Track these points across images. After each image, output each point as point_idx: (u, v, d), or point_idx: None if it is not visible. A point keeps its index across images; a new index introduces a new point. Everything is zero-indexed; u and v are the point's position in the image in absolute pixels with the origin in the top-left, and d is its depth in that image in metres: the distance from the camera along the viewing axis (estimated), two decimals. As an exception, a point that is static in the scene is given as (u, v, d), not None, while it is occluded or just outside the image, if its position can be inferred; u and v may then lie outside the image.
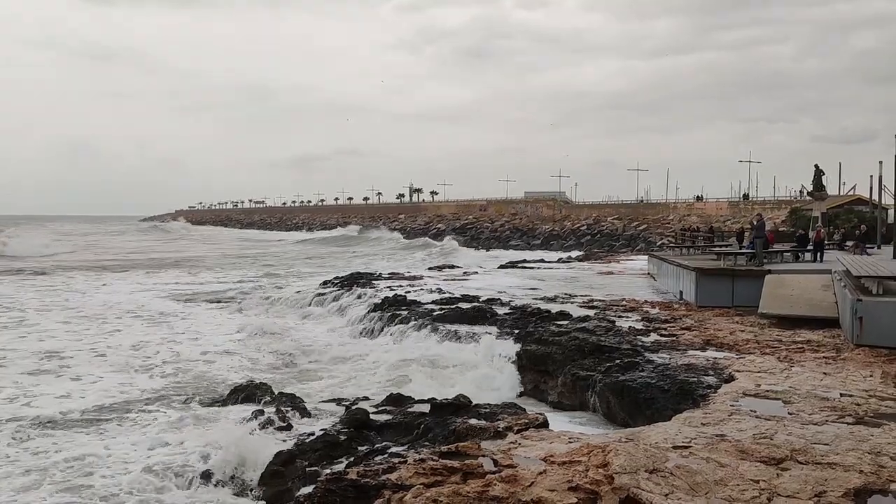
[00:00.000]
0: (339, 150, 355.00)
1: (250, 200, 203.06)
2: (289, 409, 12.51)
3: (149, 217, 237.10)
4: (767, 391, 10.03)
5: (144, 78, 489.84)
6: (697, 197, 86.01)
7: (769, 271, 20.40)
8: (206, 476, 9.84)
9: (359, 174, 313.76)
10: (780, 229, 44.67)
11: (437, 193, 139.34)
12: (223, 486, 9.69)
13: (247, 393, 13.80)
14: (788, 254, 26.82)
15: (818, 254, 25.84)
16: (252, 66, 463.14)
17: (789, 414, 8.81)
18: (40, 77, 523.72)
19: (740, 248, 27.19)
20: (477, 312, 20.04)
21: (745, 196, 78.23)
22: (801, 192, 57.07)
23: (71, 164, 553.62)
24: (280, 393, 13.71)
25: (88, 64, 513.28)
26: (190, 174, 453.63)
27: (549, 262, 44.09)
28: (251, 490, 9.55)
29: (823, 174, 39.42)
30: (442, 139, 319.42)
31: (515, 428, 8.85)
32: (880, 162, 33.81)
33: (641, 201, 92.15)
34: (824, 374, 11.09)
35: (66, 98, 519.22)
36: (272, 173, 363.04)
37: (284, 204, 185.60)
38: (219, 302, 30.36)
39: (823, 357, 12.49)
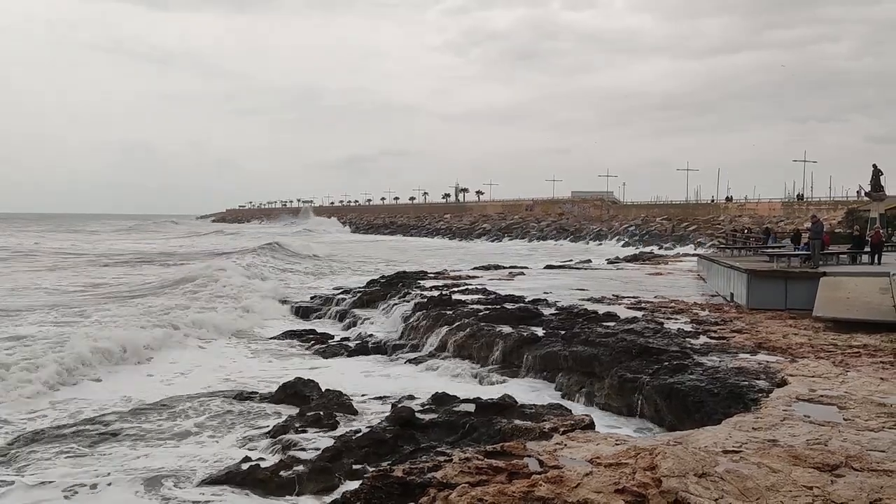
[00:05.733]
0: (385, 151, 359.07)
1: (298, 200, 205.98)
2: (335, 406, 12.70)
3: (203, 216, 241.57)
4: (822, 396, 9.79)
5: (200, 81, 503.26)
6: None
7: (824, 273, 19.89)
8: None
9: (405, 175, 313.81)
10: (835, 230, 43.45)
11: (482, 193, 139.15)
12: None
13: (295, 390, 14.00)
14: (845, 256, 26.11)
15: (876, 256, 25.10)
16: (302, 69, 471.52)
17: (844, 420, 8.59)
18: (99, 78, 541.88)
19: (794, 250, 26.55)
20: (523, 313, 19.94)
21: (800, 196, 75.93)
22: (858, 192, 55.31)
23: (126, 164, 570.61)
24: (327, 390, 13.86)
25: (146, 67, 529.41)
26: (240, 175, 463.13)
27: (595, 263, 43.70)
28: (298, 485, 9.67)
29: (882, 174, 38.13)
30: (488, 140, 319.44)
31: (561, 429, 8.84)
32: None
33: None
34: (881, 379, 10.77)
35: (123, 99, 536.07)
36: (319, 174, 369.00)
37: (332, 204, 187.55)
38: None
39: (881, 362, 12.11)
